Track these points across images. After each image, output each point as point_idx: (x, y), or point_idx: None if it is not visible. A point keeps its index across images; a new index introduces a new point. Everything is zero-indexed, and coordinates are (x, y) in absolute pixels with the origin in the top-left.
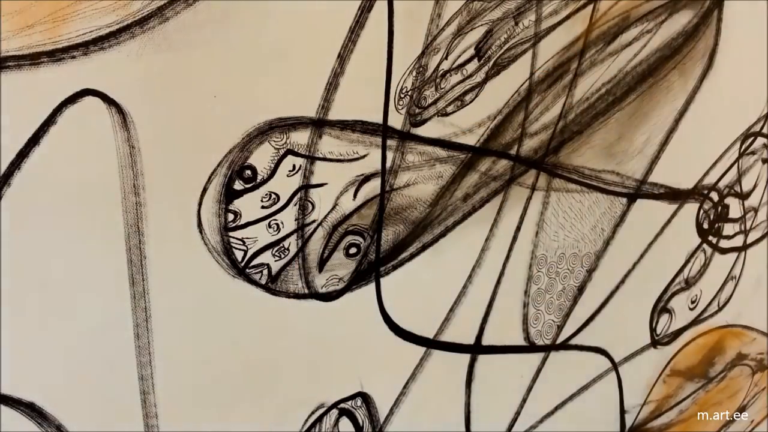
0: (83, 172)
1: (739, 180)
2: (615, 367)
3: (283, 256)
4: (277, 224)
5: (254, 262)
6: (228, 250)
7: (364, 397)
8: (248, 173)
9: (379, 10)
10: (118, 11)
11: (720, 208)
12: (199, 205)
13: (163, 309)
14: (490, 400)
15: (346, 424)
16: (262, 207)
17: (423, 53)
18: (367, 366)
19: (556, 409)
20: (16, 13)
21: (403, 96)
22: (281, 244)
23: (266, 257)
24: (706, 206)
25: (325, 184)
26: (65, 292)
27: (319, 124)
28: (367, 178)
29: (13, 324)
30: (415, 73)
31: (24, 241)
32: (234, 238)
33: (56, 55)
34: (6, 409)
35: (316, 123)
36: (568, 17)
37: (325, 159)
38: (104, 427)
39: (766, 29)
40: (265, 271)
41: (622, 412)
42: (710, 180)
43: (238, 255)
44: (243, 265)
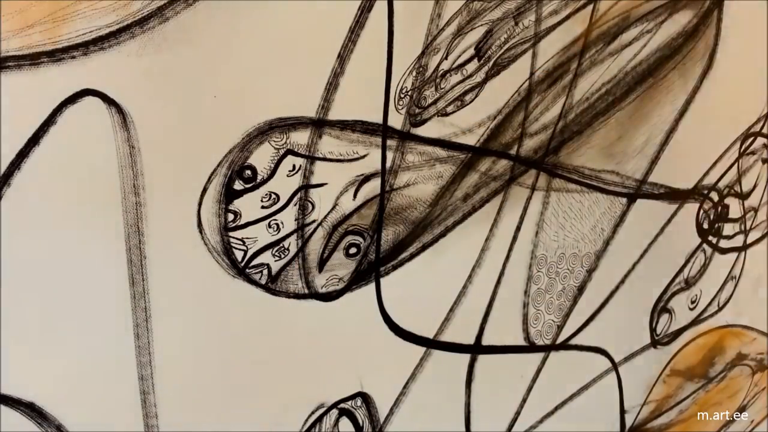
0: (83, 172)
1: (739, 180)
2: (615, 367)
3: (283, 256)
4: (277, 224)
5: (254, 262)
6: (228, 250)
7: (364, 397)
8: (248, 173)
9: (379, 10)
10: (118, 11)
11: (720, 208)
12: (199, 205)
13: (163, 309)
14: (490, 400)
15: (346, 424)
16: (262, 207)
17: (423, 53)
18: (367, 366)
19: (556, 409)
20: (16, 13)
21: (403, 96)
22: (281, 244)
23: (266, 257)
24: (706, 206)
25: (325, 184)
26: (65, 292)
27: (319, 124)
28: (367, 178)
29: (13, 324)
30: (415, 73)
31: (24, 241)
32: (234, 238)
33: (56, 55)
34: (6, 409)
35: (316, 123)
36: (568, 17)
37: (325, 159)
38: (104, 427)
39: (766, 29)
40: (265, 271)
41: (622, 412)
42: (710, 180)
43: (238, 255)
44: (243, 265)
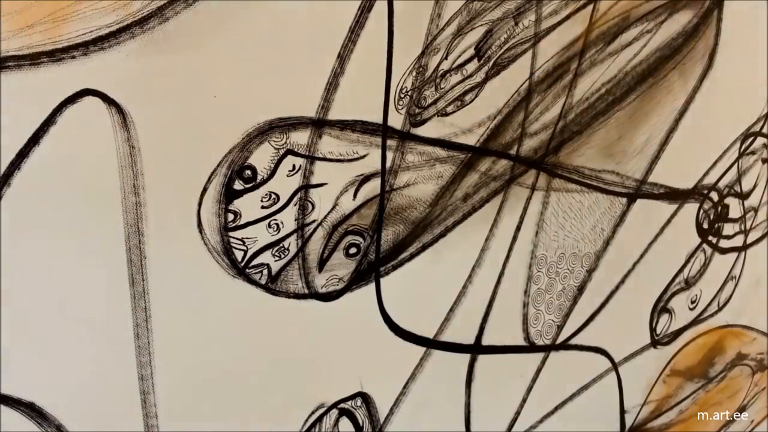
0: (83, 172)
1: (739, 180)
2: (615, 367)
3: (283, 256)
4: (277, 224)
5: (254, 262)
6: (228, 250)
7: (364, 397)
8: (248, 173)
9: (379, 10)
10: (118, 11)
11: (720, 208)
12: (199, 205)
13: (163, 309)
14: (490, 400)
15: (346, 424)
16: (262, 207)
17: (423, 53)
18: (367, 366)
19: (556, 409)
20: (16, 13)
21: (403, 96)
22: (281, 244)
23: (266, 257)
24: (706, 206)
25: (325, 184)
26: (65, 292)
27: (319, 124)
28: (367, 178)
29: (13, 324)
30: (415, 73)
31: (24, 241)
32: (234, 238)
33: (56, 55)
34: (6, 409)
35: (316, 123)
36: (568, 17)
37: (325, 159)
38: (104, 427)
39: (766, 29)
40: (265, 271)
41: (622, 412)
42: (710, 180)
43: (238, 255)
44: (243, 265)
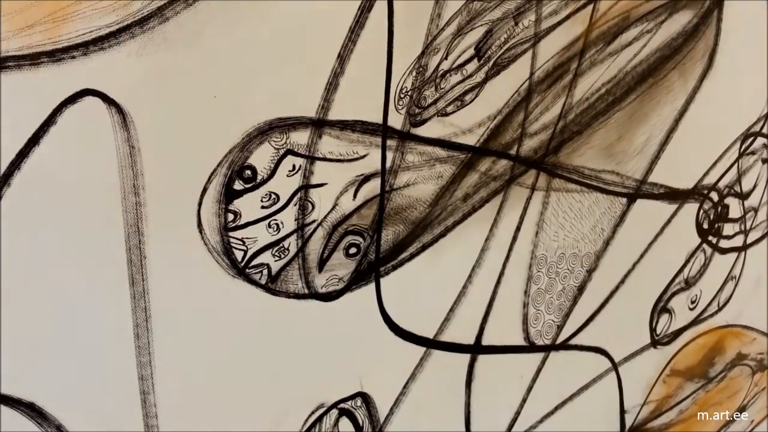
0: (83, 172)
1: (739, 180)
2: (615, 367)
3: (283, 256)
4: (277, 224)
5: (254, 262)
6: (228, 250)
7: (364, 397)
8: (248, 173)
9: (379, 10)
10: (118, 11)
11: (720, 208)
12: (199, 205)
13: (163, 309)
14: (490, 400)
15: (346, 424)
16: (262, 207)
17: (423, 53)
18: (367, 366)
19: (556, 409)
20: (16, 13)
21: (403, 96)
22: (281, 244)
23: (266, 257)
24: (706, 206)
25: (325, 184)
26: (65, 292)
27: (319, 124)
28: (367, 178)
29: (13, 324)
30: (415, 73)
31: (24, 241)
32: (234, 238)
33: (56, 55)
34: (6, 409)
35: (316, 123)
36: (568, 17)
37: (325, 159)
38: (104, 427)
39: (766, 29)
40: (265, 271)
41: (622, 412)
42: (710, 180)
43: (238, 255)
44: (243, 265)
